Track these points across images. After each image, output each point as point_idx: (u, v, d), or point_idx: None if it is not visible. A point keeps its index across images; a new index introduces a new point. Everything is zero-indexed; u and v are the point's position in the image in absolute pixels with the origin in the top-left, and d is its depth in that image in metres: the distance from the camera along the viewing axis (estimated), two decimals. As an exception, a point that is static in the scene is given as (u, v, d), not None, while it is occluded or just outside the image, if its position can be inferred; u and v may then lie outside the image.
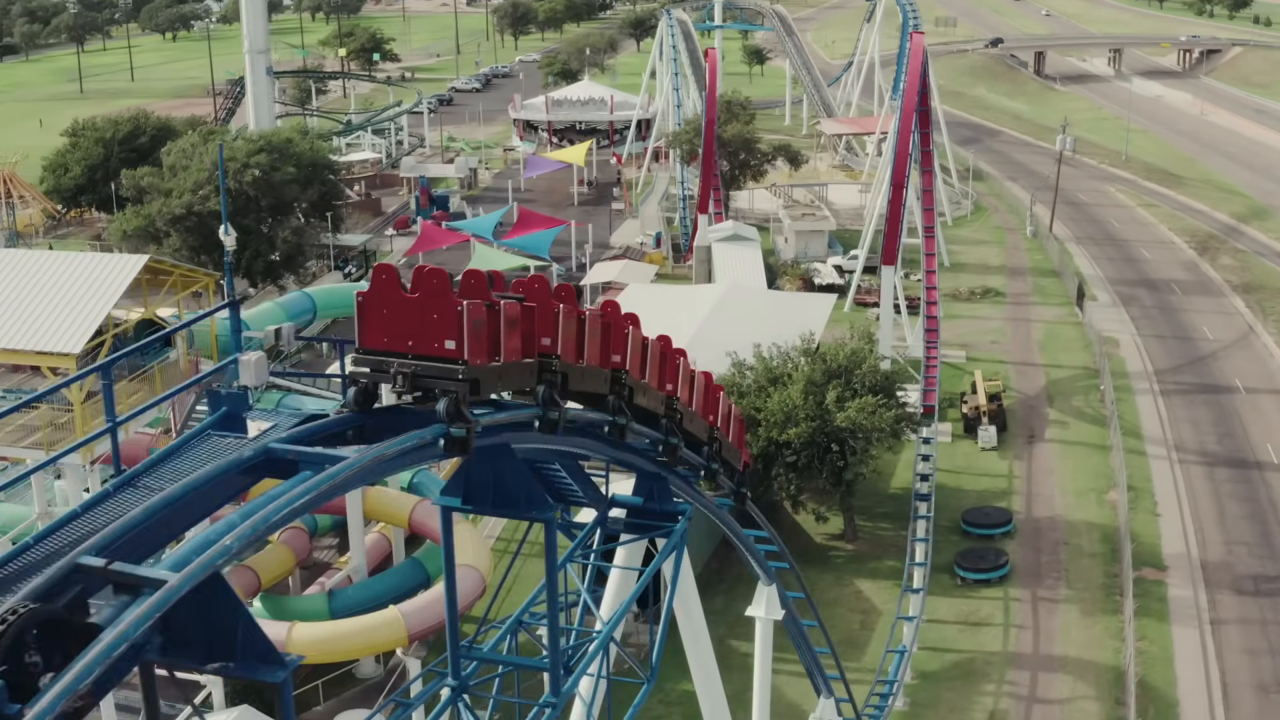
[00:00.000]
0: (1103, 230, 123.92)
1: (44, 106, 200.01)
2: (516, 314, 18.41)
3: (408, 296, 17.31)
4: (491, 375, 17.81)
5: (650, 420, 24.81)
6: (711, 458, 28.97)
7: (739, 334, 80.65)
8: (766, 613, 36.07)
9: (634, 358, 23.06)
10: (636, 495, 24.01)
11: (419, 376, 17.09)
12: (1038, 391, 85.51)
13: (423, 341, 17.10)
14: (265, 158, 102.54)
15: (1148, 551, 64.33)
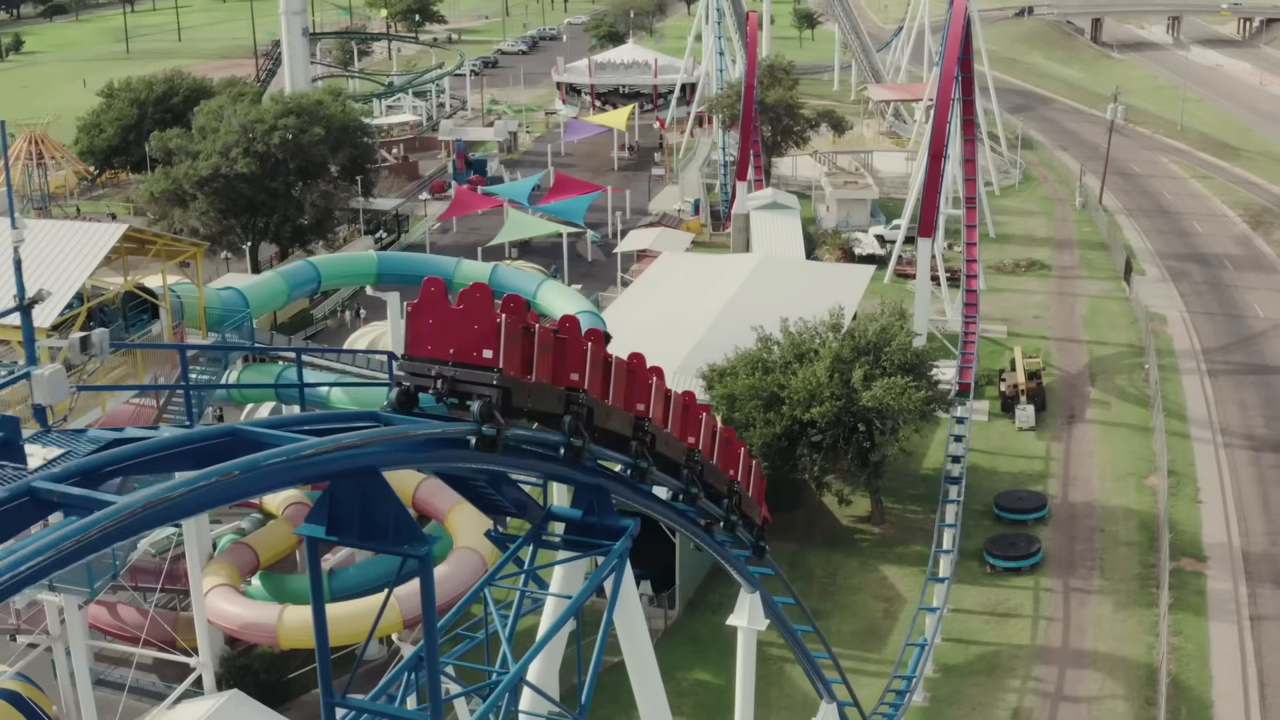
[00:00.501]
0: (1154, 202, 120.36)
1: (90, 67, 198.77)
2: (549, 338, 20.10)
3: (453, 309, 18.87)
4: (523, 390, 19.33)
5: (671, 469, 25.67)
6: (731, 510, 29.61)
7: (771, 306, 78.09)
8: (749, 622, 33.66)
9: (657, 406, 24.28)
10: (575, 508, 21.57)
11: (457, 381, 18.66)
12: (1080, 369, 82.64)
13: (463, 350, 18.73)
14: (294, 120, 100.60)
15: (1187, 541, 61.62)
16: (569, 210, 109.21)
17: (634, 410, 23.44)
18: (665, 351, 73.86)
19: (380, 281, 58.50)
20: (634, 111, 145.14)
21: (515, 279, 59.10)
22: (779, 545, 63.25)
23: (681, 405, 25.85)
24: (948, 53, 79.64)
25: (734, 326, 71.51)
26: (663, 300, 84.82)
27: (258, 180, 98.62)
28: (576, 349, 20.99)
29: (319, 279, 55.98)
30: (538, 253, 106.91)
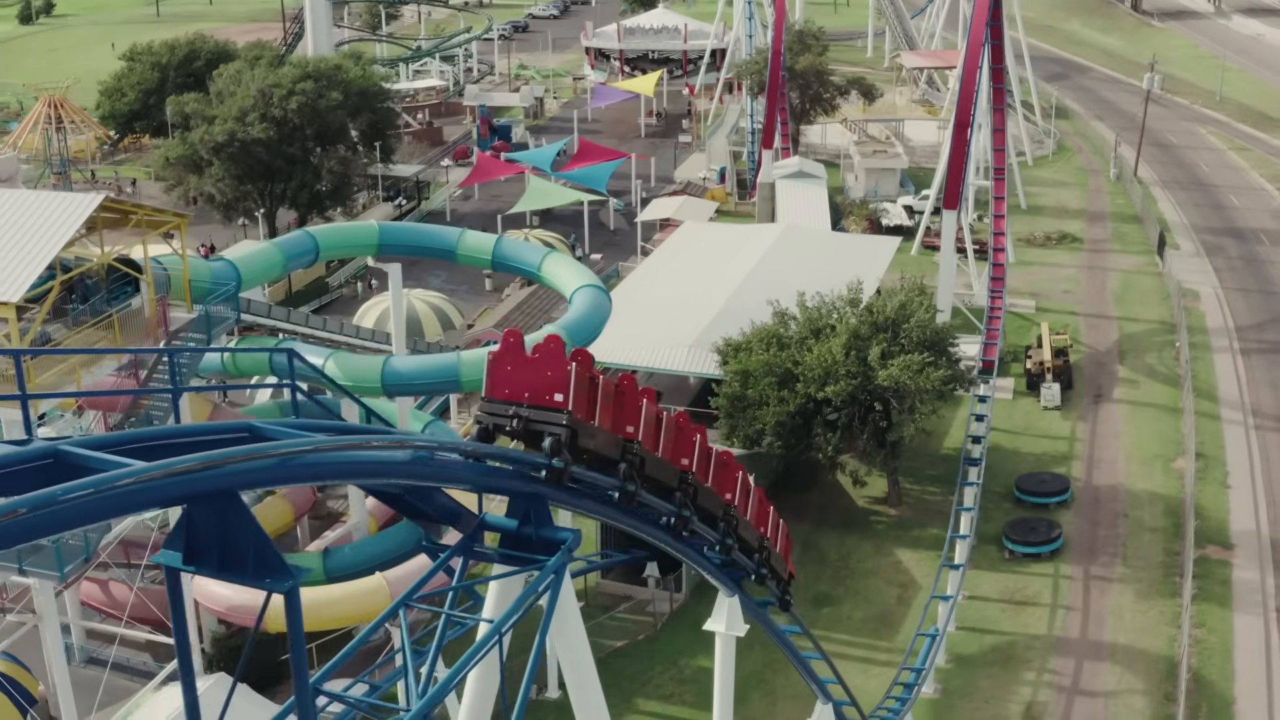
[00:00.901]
0: (1190, 174, 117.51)
1: (119, 30, 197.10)
2: (611, 389, 22.92)
3: (528, 357, 21.63)
4: (587, 432, 21.99)
5: (708, 521, 28.09)
6: (761, 564, 31.86)
7: (792, 278, 76.21)
8: (728, 628, 31.92)
9: (700, 463, 26.83)
10: (510, 517, 19.69)
11: (531, 421, 21.28)
12: (1109, 347, 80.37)
13: (537, 394, 21.40)
14: (312, 85, 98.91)
15: (1213, 528, 59.55)
16: (592, 177, 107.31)
17: (679, 464, 25.97)
18: (682, 324, 72.24)
19: (381, 253, 56.74)
20: (662, 78, 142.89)
21: (519, 251, 57.28)
22: (792, 526, 61.41)
23: (721, 462, 28.25)
24: (975, 19, 77.33)
25: (753, 299, 69.66)
26: (682, 271, 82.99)
27: (274, 146, 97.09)
28: (634, 403, 23.77)
29: (317, 249, 54.21)
30: (559, 221, 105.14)
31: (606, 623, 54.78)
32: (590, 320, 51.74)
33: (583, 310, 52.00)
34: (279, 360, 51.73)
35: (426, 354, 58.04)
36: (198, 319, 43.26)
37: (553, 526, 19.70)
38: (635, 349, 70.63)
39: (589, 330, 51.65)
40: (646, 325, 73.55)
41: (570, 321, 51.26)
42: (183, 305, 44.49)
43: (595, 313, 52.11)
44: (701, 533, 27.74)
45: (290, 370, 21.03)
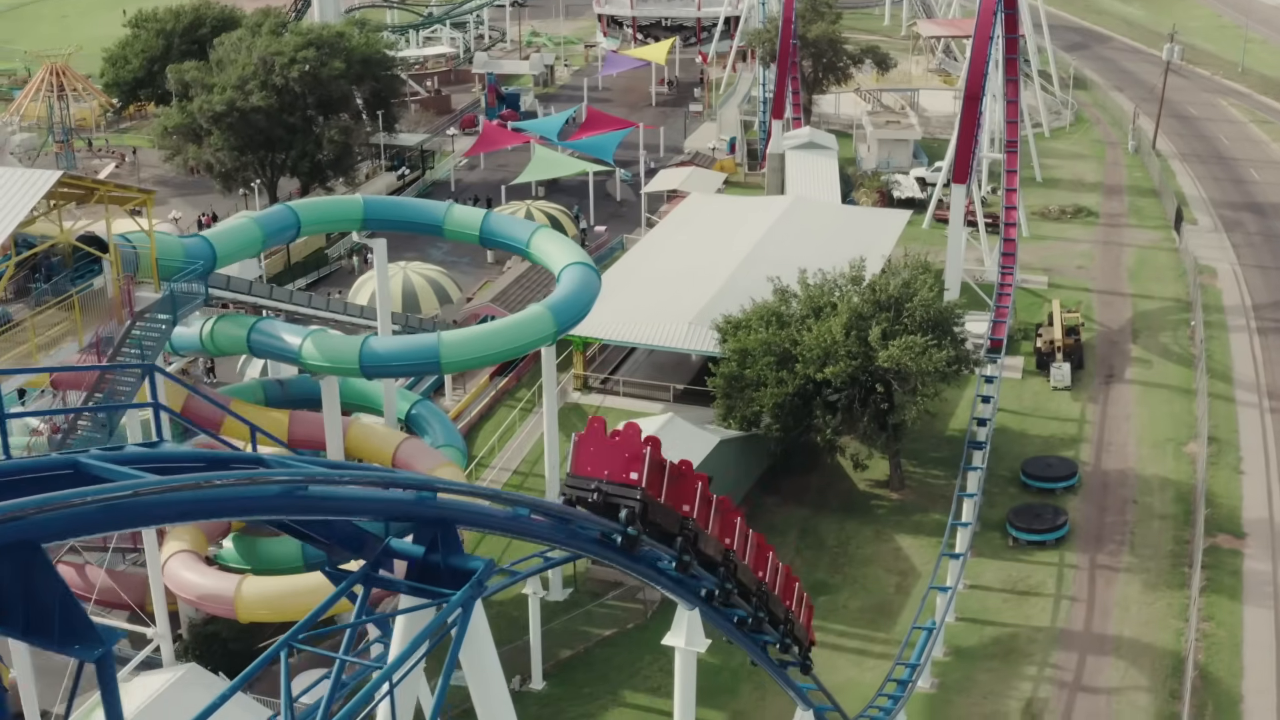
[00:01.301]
0: (1210, 147, 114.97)
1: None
2: (678, 470, 27.12)
3: (609, 440, 25.65)
4: (656, 507, 25.98)
5: (742, 594, 31.30)
6: (785, 634, 34.47)
7: (798, 252, 74.42)
8: (688, 643, 30.20)
9: (740, 542, 30.66)
10: (417, 544, 17.89)
11: (609, 494, 25.15)
12: (1122, 325, 78.28)
13: (615, 472, 25.30)
14: (313, 53, 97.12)
15: (1225, 516, 57.63)
16: (599, 147, 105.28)
17: (724, 542, 29.76)
18: (684, 299, 70.46)
19: (366, 227, 55.07)
20: (675, 45, 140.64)
21: (507, 226, 55.46)
22: (791, 510, 59.93)
23: (757, 543, 32.11)
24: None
25: (758, 273, 67.92)
26: (686, 244, 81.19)
27: (274, 115, 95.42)
28: (690, 486, 27.74)
29: (298, 224, 52.46)
30: (566, 191, 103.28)
31: (596, 610, 53.26)
32: (577, 299, 49.99)
33: (570, 289, 50.25)
34: (255, 339, 50.33)
35: (406, 334, 56.37)
36: (163, 299, 41.56)
37: (463, 554, 17.88)
38: (635, 325, 68.95)
39: (576, 310, 49.93)
40: (648, 300, 71.85)
41: (557, 301, 49.52)
42: (151, 284, 42.78)
43: (583, 291, 50.35)
44: (737, 605, 31.09)
45: (153, 390, 19.17)
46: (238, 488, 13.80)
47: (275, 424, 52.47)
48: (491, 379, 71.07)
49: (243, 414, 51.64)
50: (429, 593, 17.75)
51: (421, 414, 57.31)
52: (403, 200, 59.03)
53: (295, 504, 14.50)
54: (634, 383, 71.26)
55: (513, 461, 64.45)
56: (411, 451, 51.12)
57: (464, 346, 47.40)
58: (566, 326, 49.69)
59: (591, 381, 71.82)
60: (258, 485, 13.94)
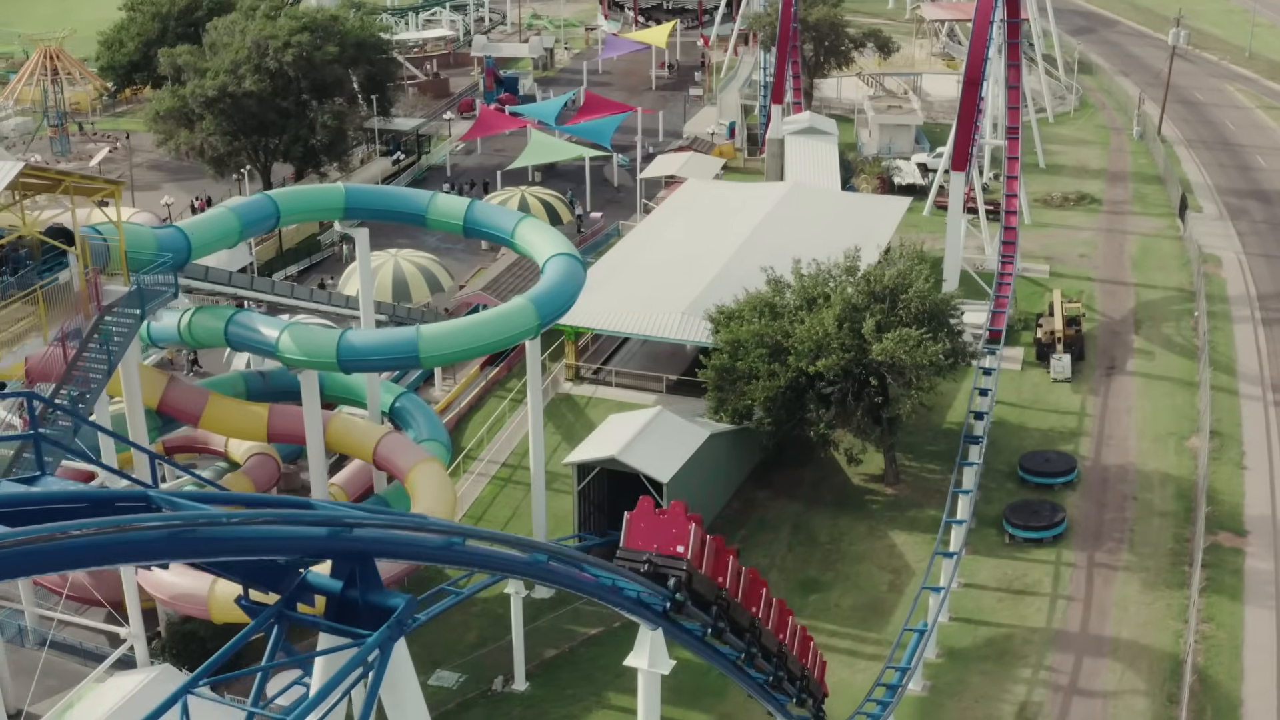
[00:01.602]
0: (1216, 133, 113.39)
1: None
2: (717, 546, 30.93)
3: (659, 517, 29.88)
4: (699, 578, 29.67)
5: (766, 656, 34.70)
6: (802, 690, 37.49)
7: (795, 240, 73.22)
8: (650, 664, 29.09)
9: (765, 610, 34.34)
10: (335, 577, 16.64)
11: (658, 565, 28.96)
12: (1124, 315, 76.94)
13: (665, 545, 29.28)
14: (307, 37, 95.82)
15: (1227, 513, 56.38)
16: (596, 132, 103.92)
17: (751, 610, 33.12)
18: (678, 287, 69.24)
19: (347, 216, 53.79)
20: (676, 28, 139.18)
21: (492, 216, 54.19)
22: (783, 505, 58.77)
23: (780, 610, 35.82)
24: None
25: (754, 261, 66.78)
26: (682, 231, 79.96)
27: (267, 99, 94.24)
28: (724, 559, 31.67)
29: (277, 214, 51.20)
30: (563, 177, 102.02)
31: (582, 608, 52.08)
32: (561, 292, 48.83)
33: (554, 281, 49.07)
34: (233, 331, 49.22)
35: (387, 327, 55.26)
36: (131, 293, 40.40)
37: (383, 590, 16.66)
38: (628, 315, 67.82)
39: (560, 303, 48.77)
40: (641, 288, 70.71)
41: (540, 293, 48.33)
42: (120, 277, 41.63)
43: (568, 283, 49.19)
44: (761, 668, 34.25)
45: (32, 421, 17.96)
46: (115, 535, 12.61)
47: (255, 418, 51.44)
48: (482, 369, 69.91)
49: (220, 408, 50.76)
50: (346, 632, 16.53)
51: (406, 407, 56.18)
52: (385, 189, 57.79)
53: (182, 548, 13.33)
54: (626, 373, 70.07)
55: (501, 454, 63.36)
56: (393, 446, 50.00)
57: (443, 340, 46.27)
58: (550, 320, 48.52)
59: (584, 371, 70.66)
60: (138, 531, 12.76)
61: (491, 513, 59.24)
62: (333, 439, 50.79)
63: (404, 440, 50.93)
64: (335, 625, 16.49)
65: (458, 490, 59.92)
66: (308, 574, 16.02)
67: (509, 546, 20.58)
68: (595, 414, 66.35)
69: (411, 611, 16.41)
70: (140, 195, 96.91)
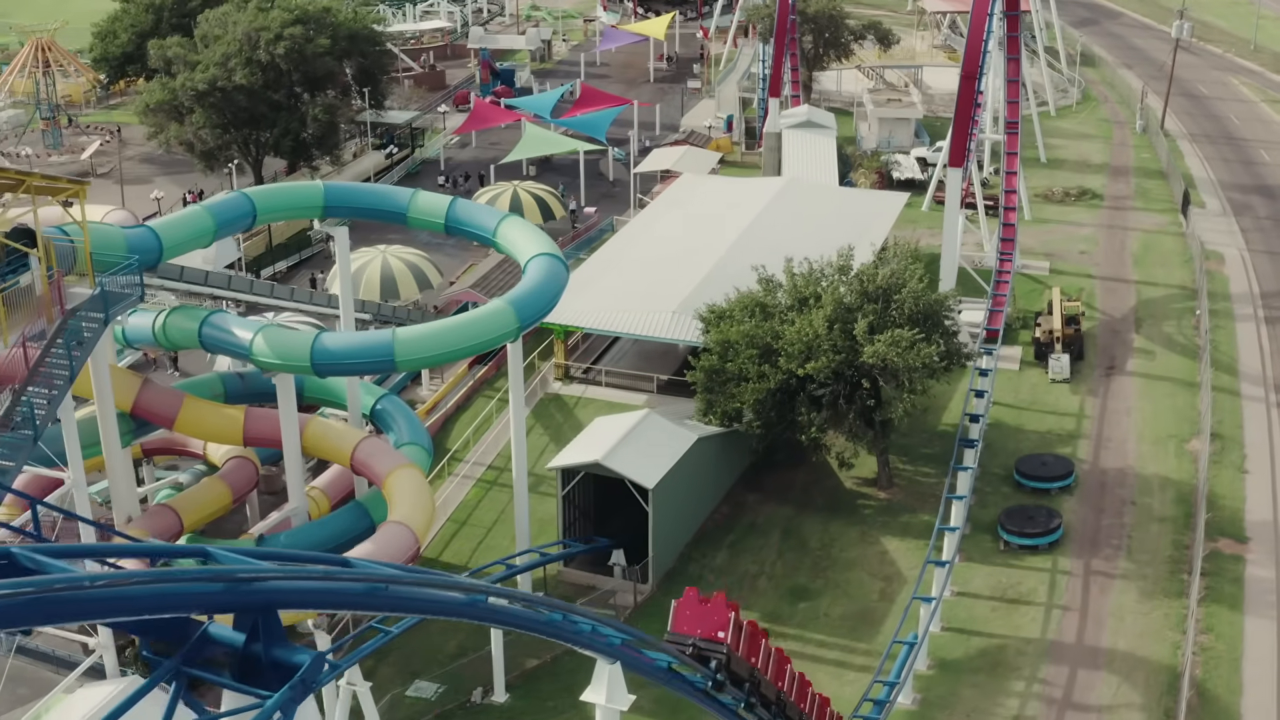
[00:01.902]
0: (1220, 127, 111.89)
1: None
2: (753, 630, 34.99)
3: (702, 604, 33.77)
4: (738, 660, 33.60)
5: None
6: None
7: (789, 236, 72.10)
8: (608, 699, 27.86)
9: (789, 686, 37.17)
10: (238, 629, 15.39)
11: (701, 650, 32.89)
12: (1125, 313, 75.60)
13: (707, 631, 33.21)
14: (300, 29, 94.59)
15: (1227, 519, 55.10)
16: (591, 125, 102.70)
17: (778, 685, 36.32)
18: (670, 285, 68.03)
19: (327, 215, 52.47)
20: (675, 20, 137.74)
21: (474, 214, 52.84)
22: (773, 510, 57.52)
23: (805, 685, 38.75)
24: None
25: (748, 259, 65.62)
26: (677, 226, 78.71)
27: (258, 92, 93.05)
28: (756, 643, 34.86)
29: (254, 212, 49.91)
30: (558, 171, 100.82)
31: (565, 617, 50.75)
32: (542, 293, 47.55)
33: (535, 282, 47.79)
34: (207, 333, 48.02)
35: (360, 330, 54.05)
36: (94, 297, 39.17)
37: (288, 645, 15.39)
38: (618, 313, 66.64)
39: (540, 305, 47.48)
40: (633, 286, 69.55)
41: (520, 295, 47.05)
42: (83, 279, 40.41)
43: (549, 285, 47.91)
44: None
45: None
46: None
47: (230, 422, 50.22)
48: (470, 368, 68.63)
49: (195, 411, 49.53)
50: (248, 691, 15.27)
51: (387, 409, 54.93)
52: (365, 187, 56.46)
53: (39, 613, 12.10)
54: (617, 373, 68.84)
55: (488, 455, 62.15)
56: (370, 451, 48.79)
57: (420, 344, 45.01)
58: (530, 322, 47.22)
59: (573, 371, 69.43)
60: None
61: (476, 516, 58.05)
62: (309, 443, 49.56)
63: (382, 445, 49.70)
64: (235, 684, 15.23)
65: (442, 493, 58.90)
66: (209, 626, 14.79)
67: (441, 588, 19.09)
68: (584, 414, 65.14)
69: (319, 669, 15.14)
70: (132, 189, 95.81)
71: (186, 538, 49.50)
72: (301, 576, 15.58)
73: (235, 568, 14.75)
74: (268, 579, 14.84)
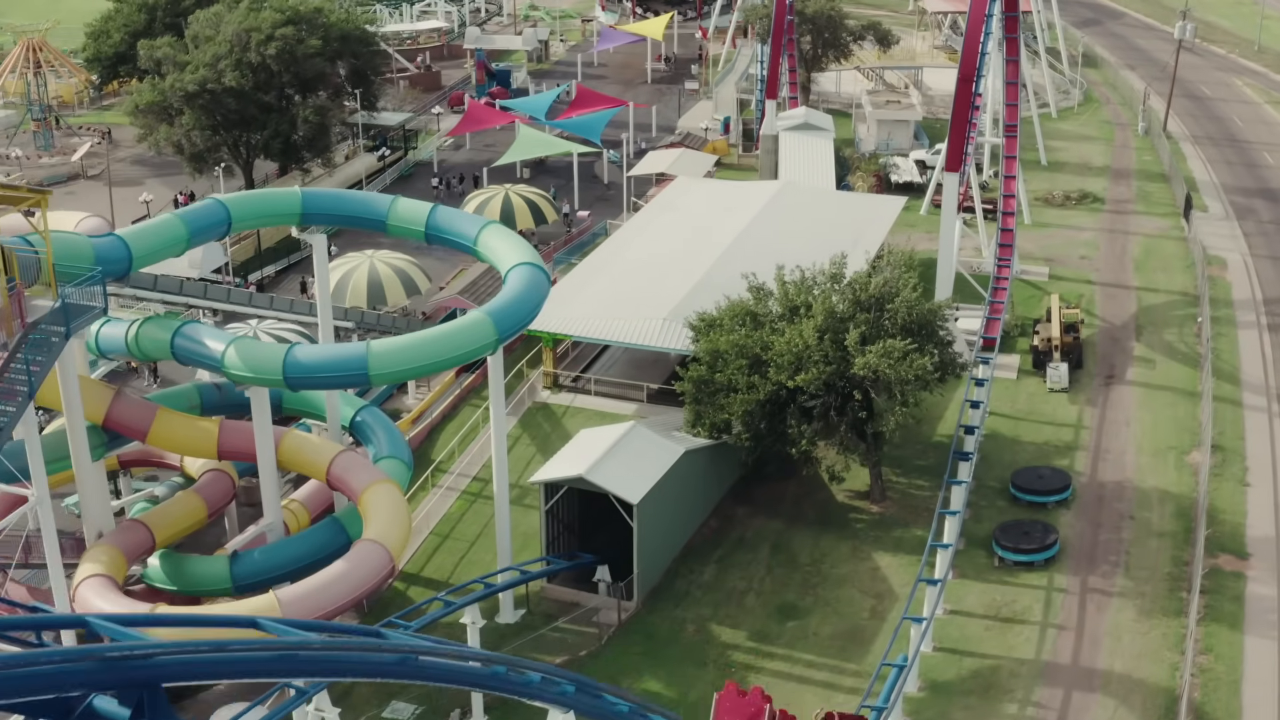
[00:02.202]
0: (1223, 129, 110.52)
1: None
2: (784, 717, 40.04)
3: (741, 700, 39.67)
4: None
5: None
6: None
7: (783, 242, 71.09)
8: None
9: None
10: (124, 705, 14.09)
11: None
12: (1125, 320, 74.26)
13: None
14: (291, 30, 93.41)
15: (1228, 534, 53.77)
16: (586, 127, 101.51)
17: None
18: (661, 292, 66.82)
19: (305, 222, 51.14)
20: (673, 20, 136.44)
21: (455, 222, 51.45)
22: (763, 524, 56.26)
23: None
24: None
25: (740, 264, 64.47)
26: (669, 231, 77.42)
27: (248, 94, 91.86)
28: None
29: (229, 220, 48.60)
30: (552, 173, 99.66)
31: (548, 635, 49.70)
32: (522, 305, 46.22)
33: (515, 293, 46.45)
34: (179, 344, 46.79)
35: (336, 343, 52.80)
36: (55, 310, 37.93)
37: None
38: (608, 321, 65.39)
39: (520, 316, 46.18)
40: (623, 292, 68.33)
41: (499, 307, 45.72)
42: (46, 291, 39.18)
43: (530, 295, 46.59)
44: None
45: None
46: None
47: (205, 435, 48.94)
48: (457, 376, 67.34)
49: (168, 425, 48.28)
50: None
51: (367, 422, 53.63)
52: (343, 193, 55.07)
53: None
54: (606, 381, 67.62)
55: (473, 467, 60.93)
56: (346, 466, 47.49)
57: (395, 357, 43.72)
58: (509, 334, 45.92)
59: (562, 379, 68.17)
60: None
61: (460, 530, 56.79)
62: (285, 457, 48.29)
63: (359, 459, 48.39)
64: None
65: (425, 506, 57.67)
66: (94, 701, 13.55)
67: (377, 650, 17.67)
68: (572, 424, 63.93)
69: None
70: (123, 191, 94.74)
71: (159, 553, 48.28)
72: (183, 651, 14.31)
73: (105, 648, 13.48)
74: (146, 655, 13.58)
